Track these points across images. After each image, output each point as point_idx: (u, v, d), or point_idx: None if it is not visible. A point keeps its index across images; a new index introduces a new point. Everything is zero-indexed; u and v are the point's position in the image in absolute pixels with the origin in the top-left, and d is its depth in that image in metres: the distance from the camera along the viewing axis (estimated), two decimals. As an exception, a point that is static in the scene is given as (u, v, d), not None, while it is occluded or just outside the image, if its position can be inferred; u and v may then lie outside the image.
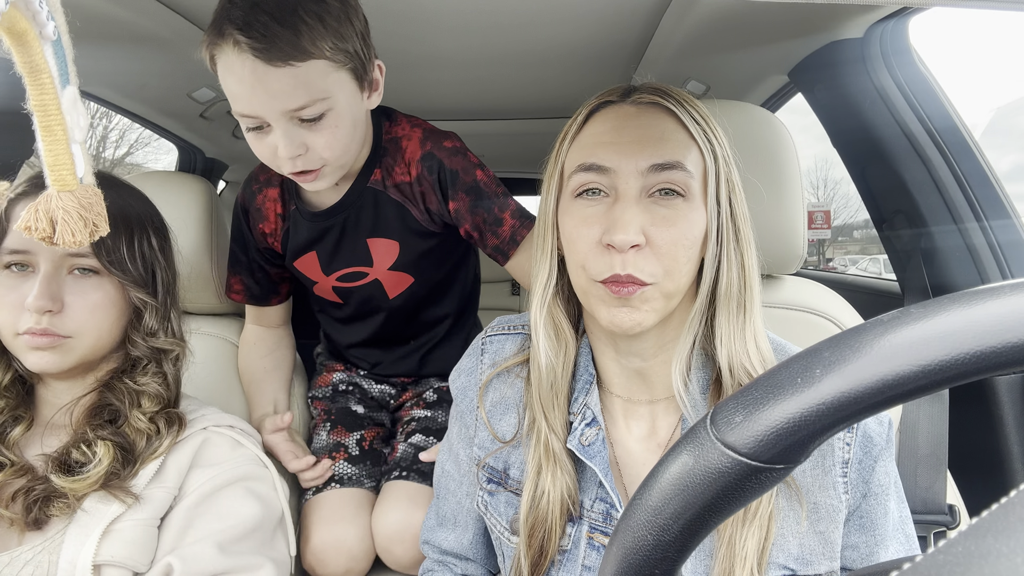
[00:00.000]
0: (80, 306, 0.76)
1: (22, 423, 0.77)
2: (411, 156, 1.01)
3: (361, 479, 1.10)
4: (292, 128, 0.82)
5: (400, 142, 1.02)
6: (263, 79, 0.77)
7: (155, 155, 10.35)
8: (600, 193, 0.64)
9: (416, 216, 1.03)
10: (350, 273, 1.08)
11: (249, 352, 1.15)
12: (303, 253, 1.07)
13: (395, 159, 1.02)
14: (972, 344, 0.28)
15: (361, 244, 1.05)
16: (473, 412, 0.78)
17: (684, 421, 0.68)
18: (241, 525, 0.76)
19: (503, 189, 1.03)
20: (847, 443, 0.64)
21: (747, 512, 0.60)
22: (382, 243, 1.05)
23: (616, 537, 0.36)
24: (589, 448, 0.67)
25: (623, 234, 0.60)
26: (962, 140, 1.16)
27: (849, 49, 1.16)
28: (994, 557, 0.18)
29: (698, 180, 0.63)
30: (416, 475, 1.07)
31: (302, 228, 1.05)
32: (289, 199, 1.06)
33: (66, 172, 0.33)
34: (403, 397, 1.25)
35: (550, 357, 0.69)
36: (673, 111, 0.64)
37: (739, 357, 0.63)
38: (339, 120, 0.85)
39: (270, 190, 1.07)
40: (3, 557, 0.70)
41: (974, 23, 76.18)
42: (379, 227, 1.04)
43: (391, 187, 1.02)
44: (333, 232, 1.04)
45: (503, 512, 0.74)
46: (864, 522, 0.65)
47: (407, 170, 1.01)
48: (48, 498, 0.71)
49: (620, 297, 0.62)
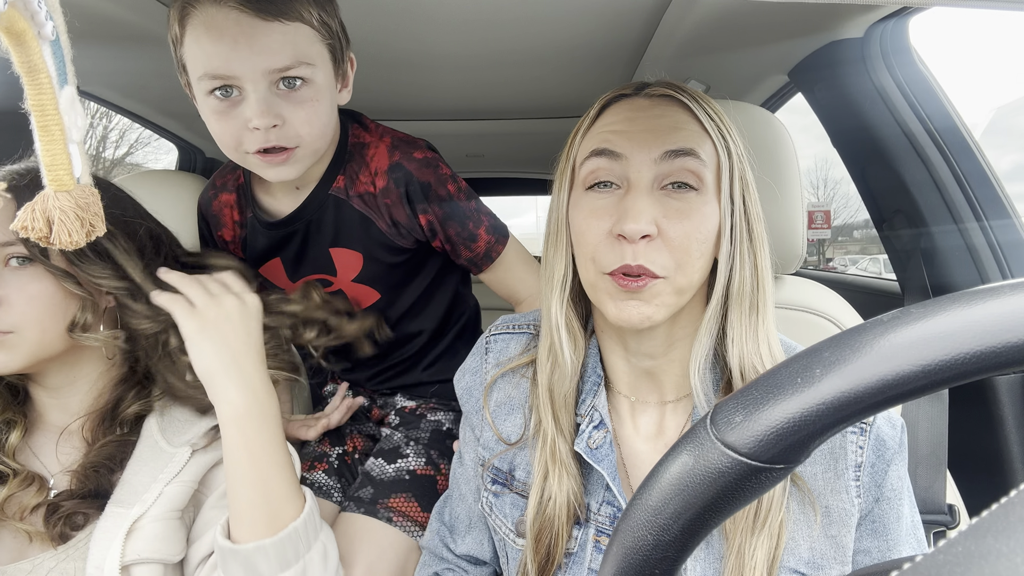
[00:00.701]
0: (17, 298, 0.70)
1: (16, 428, 0.75)
2: (377, 165, 0.95)
3: (332, 492, 1.06)
4: (270, 95, 0.77)
5: (366, 149, 0.97)
6: (248, 33, 0.74)
7: (155, 155, 10.35)
8: (611, 186, 0.63)
9: (382, 228, 0.98)
10: (316, 281, 1.03)
11: None
12: (266, 260, 1.03)
13: (359, 166, 0.96)
14: (972, 344, 0.28)
15: (324, 253, 1.00)
16: (479, 412, 0.77)
17: (693, 419, 0.68)
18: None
19: (476, 201, 0.99)
20: (860, 447, 0.63)
21: (756, 521, 0.59)
22: (345, 253, 1.00)
23: (616, 537, 0.36)
24: (597, 451, 0.67)
25: (634, 223, 0.59)
26: (962, 140, 1.16)
27: (849, 49, 1.16)
28: (994, 557, 0.18)
29: (711, 172, 0.62)
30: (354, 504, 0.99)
31: (261, 236, 1.00)
32: (246, 205, 1.01)
33: (63, 172, 0.33)
34: (374, 413, 1.20)
35: (571, 356, 0.68)
36: (687, 104, 0.64)
37: (751, 358, 0.62)
38: (319, 95, 0.81)
39: (225, 195, 1.02)
40: (24, 564, 0.69)
41: (974, 23, 76.22)
42: (341, 237, 0.99)
43: (354, 196, 0.96)
44: (296, 239, 1.00)
45: (508, 513, 0.73)
46: (876, 527, 0.64)
47: (372, 180, 0.95)
48: (74, 514, 0.70)
49: (628, 291, 0.60)
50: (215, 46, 0.74)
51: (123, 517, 0.69)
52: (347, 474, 1.09)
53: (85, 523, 0.71)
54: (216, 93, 0.77)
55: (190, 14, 0.75)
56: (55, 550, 0.70)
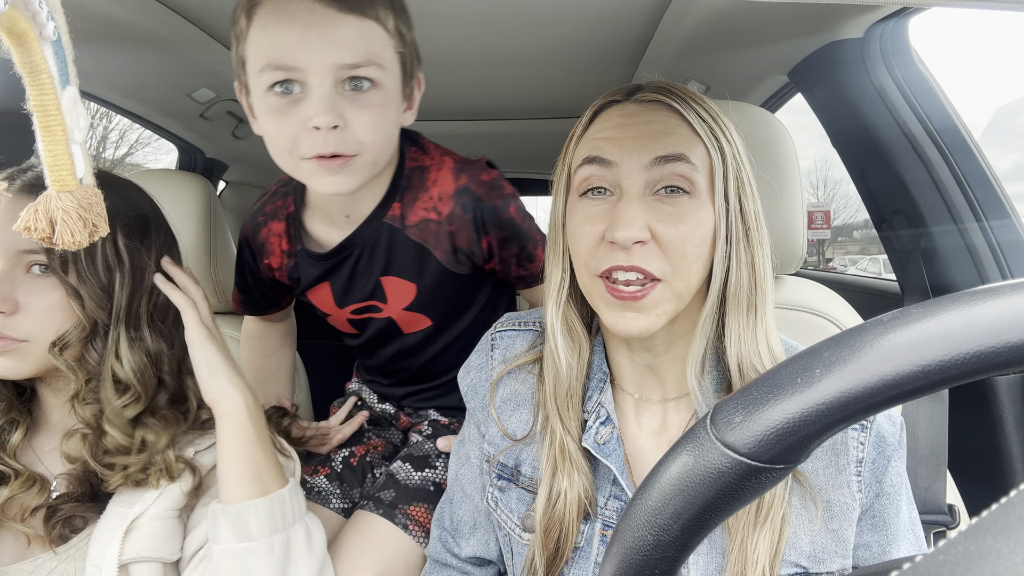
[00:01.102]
0: (35, 307, 0.70)
1: (19, 427, 0.74)
2: (442, 190, 0.90)
3: (330, 498, 1.04)
4: (334, 93, 0.72)
5: (427, 172, 0.91)
6: (321, 24, 0.69)
7: (155, 155, 10.36)
8: (605, 192, 0.64)
9: (439, 258, 0.93)
10: (364, 307, 1.00)
11: (253, 348, 1.13)
12: (315, 285, 0.99)
13: (418, 192, 0.90)
14: (972, 344, 0.28)
15: (374, 282, 0.96)
16: (484, 409, 0.77)
17: (696, 418, 0.68)
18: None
19: (531, 219, 0.96)
20: (861, 442, 0.64)
21: (759, 515, 0.60)
22: (397, 283, 0.96)
23: (616, 537, 0.36)
24: (604, 447, 0.68)
25: (625, 230, 0.59)
26: (962, 140, 1.16)
27: (849, 49, 1.16)
28: (994, 557, 0.18)
29: (704, 175, 0.62)
30: (374, 504, 0.97)
31: (310, 267, 0.97)
32: (295, 236, 0.96)
33: (65, 172, 0.33)
34: (402, 421, 1.19)
35: (569, 359, 0.69)
36: (677, 108, 0.64)
37: (749, 358, 0.63)
38: (386, 101, 0.76)
39: (275, 223, 0.98)
40: (26, 565, 0.69)
41: (974, 23, 76.15)
42: (394, 266, 0.94)
43: (411, 227, 0.91)
44: (345, 267, 0.96)
45: (514, 508, 0.73)
46: (876, 522, 0.65)
47: (434, 206, 0.90)
48: (73, 516, 0.71)
49: (624, 301, 0.61)
50: (283, 33, 0.70)
51: (123, 516, 0.70)
52: (351, 478, 1.08)
53: (84, 526, 0.71)
54: (276, 88, 0.72)
55: (259, 4, 0.71)
56: (54, 551, 0.70)
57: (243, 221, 1.03)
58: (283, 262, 0.99)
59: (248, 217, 1.02)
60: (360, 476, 1.08)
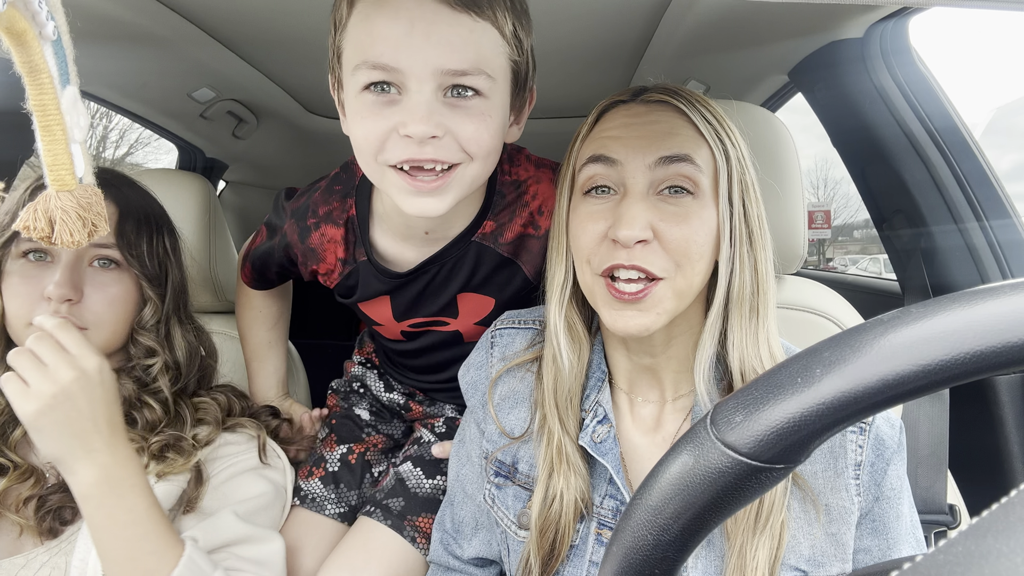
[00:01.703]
0: (99, 298, 0.75)
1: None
2: (544, 203, 0.83)
3: (324, 504, 0.99)
4: (434, 99, 0.64)
5: (524, 186, 0.84)
6: (431, 21, 0.61)
7: (155, 155, 10.34)
8: (608, 191, 0.64)
9: (528, 273, 0.86)
10: (427, 322, 0.94)
11: (254, 320, 1.08)
12: (373, 298, 0.91)
13: (515, 207, 0.83)
14: (972, 344, 0.28)
15: (449, 298, 0.89)
16: (484, 407, 0.78)
17: (693, 418, 0.68)
18: (255, 500, 0.79)
19: None
20: (859, 445, 0.63)
21: (758, 521, 0.60)
22: (475, 299, 0.90)
23: (616, 537, 0.36)
24: (601, 445, 0.68)
25: (628, 229, 0.59)
26: (962, 140, 1.16)
27: (849, 49, 1.16)
28: (994, 557, 0.18)
29: (708, 177, 0.62)
30: (382, 512, 0.94)
31: (375, 280, 0.88)
32: (357, 244, 0.86)
33: (65, 172, 0.33)
34: (413, 411, 1.14)
35: (571, 359, 0.69)
36: (683, 109, 0.64)
37: (751, 361, 0.63)
38: (492, 111, 0.67)
39: (330, 228, 0.87)
40: (18, 559, 0.70)
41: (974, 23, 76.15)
42: (475, 283, 0.88)
43: (504, 244, 0.84)
44: (417, 284, 0.87)
45: (511, 506, 0.73)
46: (877, 525, 0.64)
47: (535, 221, 0.83)
48: (62, 508, 0.71)
49: (624, 300, 0.61)
50: (386, 28, 0.61)
51: None
52: (349, 478, 1.04)
53: (74, 518, 0.72)
54: (371, 89, 0.65)
55: None
56: (45, 545, 0.71)
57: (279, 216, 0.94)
58: (336, 269, 0.89)
59: (292, 214, 0.90)
60: (359, 476, 1.05)
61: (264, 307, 1.09)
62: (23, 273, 0.74)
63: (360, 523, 0.96)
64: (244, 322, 1.10)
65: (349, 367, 1.20)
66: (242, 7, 1.08)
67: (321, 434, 1.10)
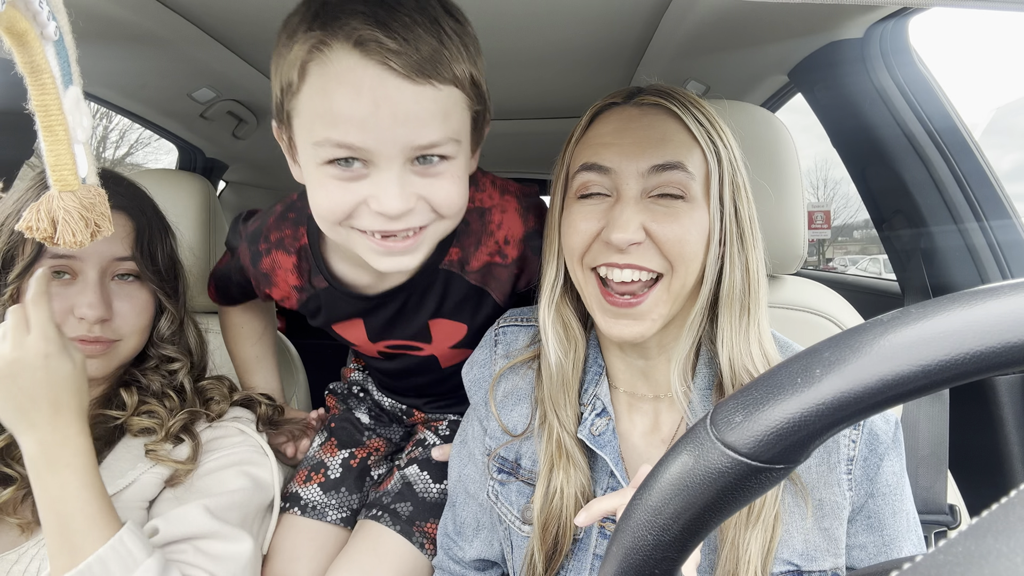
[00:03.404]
0: (128, 310, 0.78)
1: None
2: (508, 233, 0.82)
3: (326, 511, 0.98)
4: (405, 172, 0.62)
5: (489, 214, 0.82)
6: (396, 100, 0.58)
7: (155, 155, 10.36)
8: (601, 195, 0.65)
9: (497, 299, 0.87)
10: (402, 345, 0.93)
11: (237, 337, 1.08)
12: (344, 320, 0.90)
13: (482, 235, 0.82)
14: (972, 344, 0.28)
15: (420, 324, 0.89)
16: (487, 404, 0.78)
17: (687, 418, 0.69)
18: (229, 495, 0.78)
19: None
20: (852, 440, 0.64)
21: (750, 515, 0.60)
22: (447, 324, 0.90)
23: (616, 537, 0.36)
24: (599, 438, 0.68)
25: (622, 232, 0.60)
26: (962, 140, 1.16)
27: (849, 49, 1.16)
28: (994, 557, 0.18)
29: (700, 182, 0.63)
30: (390, 517, 0.93)
31: (342, 303, 0.87)
32: (313, 272, 0.86)
33: (67, 172, 0.33)
34: (415, 416, 1.14)
35: (560, 356, 0.70)
36: (676, 113, 0.64)
37: (741, 359, 0.64)
38: (460, 171, 0.66)
39: (281, 255, 0.86)
40: (11, 555, 0.71)
41: (974, 23, 76.14)
42: (445, 310, 0.87)
43: (471, 272, 0.84)
44: (388, 308, 0.86)
45: (514, 501, 0.74)
46: (872, 522, 0.65)
47: (499, 249, 0.83)
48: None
49: (619, 307, 0.62)
50: (349, 107, 0.58)
51: None
52: (350, 483, 1.03)
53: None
54: (336, 163, 0.62)
55: (318, 58, 0.58)
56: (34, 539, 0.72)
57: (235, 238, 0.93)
58: (293, 296, 0.89)
59: (246, 238, 0.89)
60: (360, 480, 1.05)
61: (245, 323, 1.09)
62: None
63: (367, 527, 0.95)
64: (229, 339, 1.10)
65: (347, 373, 1.20)
66: (242, 7, 1.08)
67: (320, 438, 1.09)
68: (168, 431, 0.78)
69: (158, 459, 0.76)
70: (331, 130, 0.59)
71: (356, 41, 0.56)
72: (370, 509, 0.98)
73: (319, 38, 0.58)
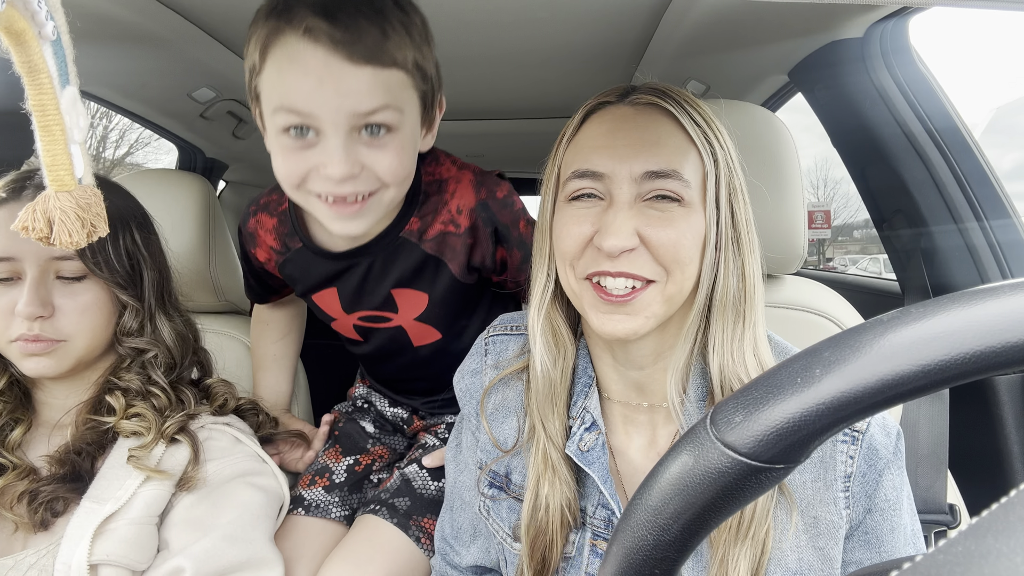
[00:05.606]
0: (71, 309, 0.76)
1: (21, 425, 0.78)
2: (462, 203, 0.89)
3: (329, 508, 1.01)
4: (350, 140, 0.71)
5: (445, 185, 0.90)
6: (337, 76, 0.67)
7: (155, 155, 10.37)
8: (594, 198, 0.62)
9: (453, 271, 0.92)
10: (373, 316, 0.99)
11: (261, 334, 1.14)
12: (321, 288, 0.97)
13: (438, 205, 0.90)
14: (972, 344, 0.28)
15: (384, 292, 0.95)
16: (478, 416, 0.77)
17: (682, 430, 0.67)
18: (248, 512, 0.77)
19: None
20: (850, 456, 0.61)
21: (739, 530, 0.58)
22: (409, 294, 0.95)
23: (616, 537, 0.36)
24: (588, 454, 0.66)
25: (614, 239, 0.58)
26: (962, 140, 1.16)
27: (849, 49, 1.16)
28: (994, 557, 0.18)
29: (696, 186, 0.61)
30: (387, 511, 0.96)
31: (316, 266, 0.94)
32: (289, 235, 0.95)
33: (64, 172, 0.33)
34: (415, 424, 1.17)
35: (547, 364, 0.67)
36: (672, 112, 0.62)
37: (732, 367, 0.61)
38: (404, 141, 0.74)
39: (265, 217, 0.96)
40: (7, 561, 0.70)
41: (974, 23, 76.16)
42: (406, 279, 0.93)
43: (428, 241, 0.90)
44: (355, 273, 0.93)
45: (505, 518, 0.72)
46: (869, 538, 0.62)
47: (454, 219, 0.89)
48: (54, 499, 0.72)
49: (612, 304, 0.60)
50: (298, 81, 0.68)
51: (95, 514, 0.71)
52: (353, 483, 1.05)
53: (65, 509, 0.73)
54: (291, 132, 0.72)
55: (274, 44, 0.69)
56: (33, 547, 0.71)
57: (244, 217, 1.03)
58: (271, 257, 0.98)
59: (249, 204, 1.01)
60: (361, 483, 1.07)
61: (270, 320, 1.14)
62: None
63: (364, 520, 0.96)
64: (253, 335, 1.16)
65: (352, 391, 1.23)
66: (242, 7, 1.08)
67: (325, 445, 1.11)
68: (163, 432, 0.77)
69: (139, 467, 0.74)
70: (284, 98, 0.69)
71: (304, 29, 0.66)
72: (369, 505, 1.00)
73: (275, 26, 0.68)
